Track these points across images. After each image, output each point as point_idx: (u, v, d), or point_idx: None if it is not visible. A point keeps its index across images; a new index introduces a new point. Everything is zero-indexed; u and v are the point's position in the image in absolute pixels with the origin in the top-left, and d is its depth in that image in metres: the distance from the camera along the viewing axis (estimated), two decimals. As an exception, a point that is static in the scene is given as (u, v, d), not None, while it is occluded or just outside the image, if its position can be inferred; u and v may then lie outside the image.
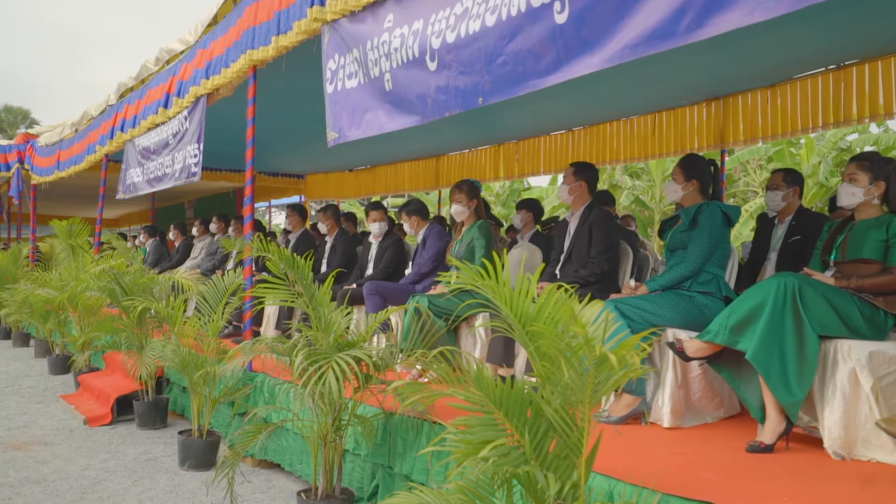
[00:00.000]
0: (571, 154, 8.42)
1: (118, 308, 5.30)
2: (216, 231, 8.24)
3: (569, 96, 6.86)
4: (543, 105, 7.21)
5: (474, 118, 8.21)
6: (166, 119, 6.00)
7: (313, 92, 6.70)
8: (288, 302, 3.17)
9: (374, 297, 4.52)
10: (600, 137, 8.00)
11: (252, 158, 4.58)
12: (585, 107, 7.40)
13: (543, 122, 8.28)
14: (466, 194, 4.20)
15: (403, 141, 9.66)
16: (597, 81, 5.95)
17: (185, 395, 5.51)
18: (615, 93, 6.72)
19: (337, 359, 2.65)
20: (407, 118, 3.07)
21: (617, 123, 7.80)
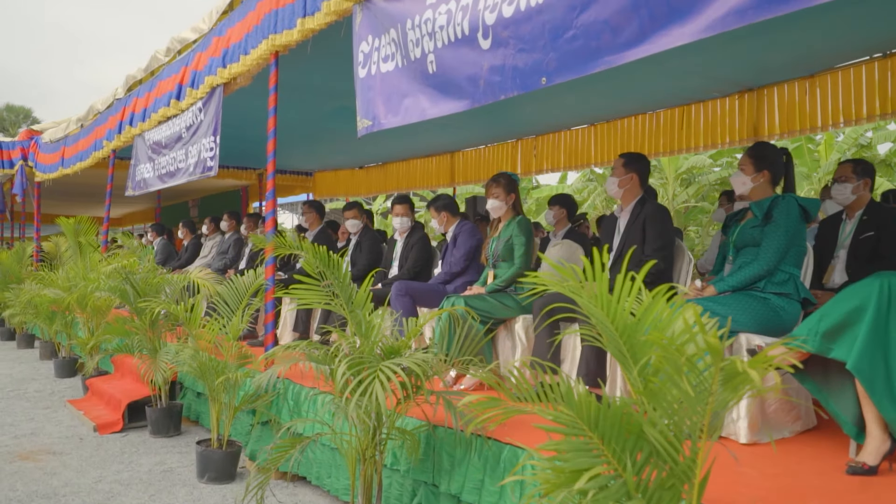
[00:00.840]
0: (594, 149, 8.15)
1: (129, 309, 5.04)
2: (227, 229, 7.97)
3: (591, 89, 6.59)
4: (564, 98, 6.95)
5: (492, 112, 7.95)
6: (179, 111, 5.73)
7: (325, 85, 6.49)
8: (322, 304, 2.90)
9: (403, 298, 4.25)
10: (624, 132, 7.72)
11: (274, 151, 4.32)
12: (609, 100, 7.13)
13: (564, 117, 8.01)
14: (504, 188, 3.93)
15: (417, 136, 9.39)
16: (622, 74, 5.69)
17: (199, 400, 5.25)
18: (641, 85, 6.46)
19: (383, 368, 2.38)
20: (453, 103, 2.80)
21: (642, 117, 7.53)
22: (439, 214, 4.58)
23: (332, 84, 6.26)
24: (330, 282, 2.81)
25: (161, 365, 4.51)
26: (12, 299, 8.43)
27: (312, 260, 2.78)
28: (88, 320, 6.44)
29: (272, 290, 4.14)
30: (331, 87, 6.41)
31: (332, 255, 2.79)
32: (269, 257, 4.16)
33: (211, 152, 5.02)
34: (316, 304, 2.88)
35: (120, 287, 4.82)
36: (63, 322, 7.34)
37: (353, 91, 6.81)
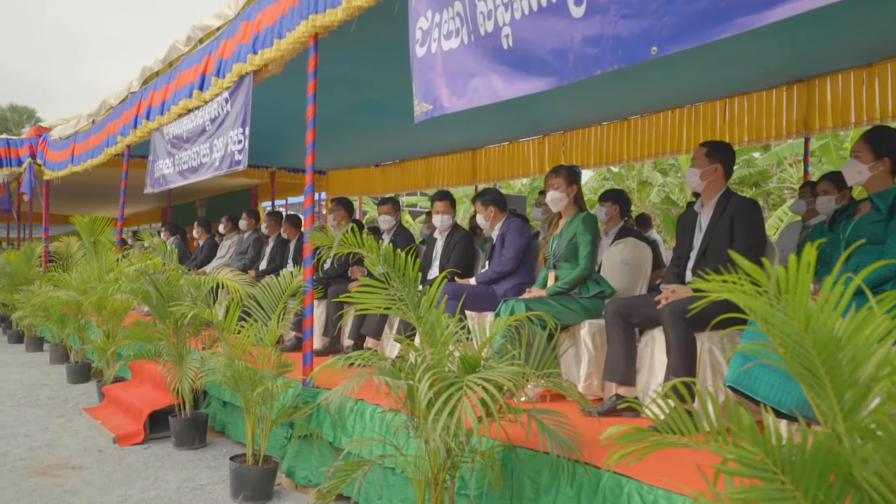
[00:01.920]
0: (627, 145, 7.83)
1: (152, 313, 4.71)
2: (246, 228, 7.65)
3: (627, 82, 6.27)
4: (596, 92, 6.63)
5: (517, 107, 7.58)
6: (202, 103, 5.41)
7: (351, 76, 6.16)
8: (383, 308, 2.57)
9: (449, 301, 3.92)
10: (661, 126, 7.40)
11: (313, 142, 4.00)
12: (646, 94, 6.80)
13: (595, 111, 7.69)
14: (565, 179, 3.60)
15: (437, 133, 9.07)
16: (661, 65, 5.39)
17: (226, 410, 4.93)
18: (683, 77, 6.13)
19: (470, 383, 2.05)
20: (534, 82, 2.47)
21: (680, 111, 7.20)
22: (486, 209, 4.25)
23: (359, 74, 5.95)
24: (395, 284, 2.48)
25: (188, 373, 4.19)
26: (22, 301, 8.11)
27: (375, 259, 2.45)
28: (104, 323, 6.12)
29: (311, 292, 3.81)
30: (356, 78, 6.10)
31: (399, 253, 2.47)
32: (307, 256, 3.83)
33: (239, 145, 4.70)
34: (376, 308, 2.55)
35: (142, 289, 4.50)
36: (76, 325, 7.02)
37: (380, 82, 6.58)
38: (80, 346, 7.24)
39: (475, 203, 4.31)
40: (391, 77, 6.10)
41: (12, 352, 9.51)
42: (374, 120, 7.97)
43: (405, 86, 6.65)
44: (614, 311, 3.14)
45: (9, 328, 11.18)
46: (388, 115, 7.52)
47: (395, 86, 6.45)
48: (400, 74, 6.27)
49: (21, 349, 9.74)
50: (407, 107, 7.49)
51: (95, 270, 6.04)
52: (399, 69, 6.15)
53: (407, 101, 7.02)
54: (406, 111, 7.57)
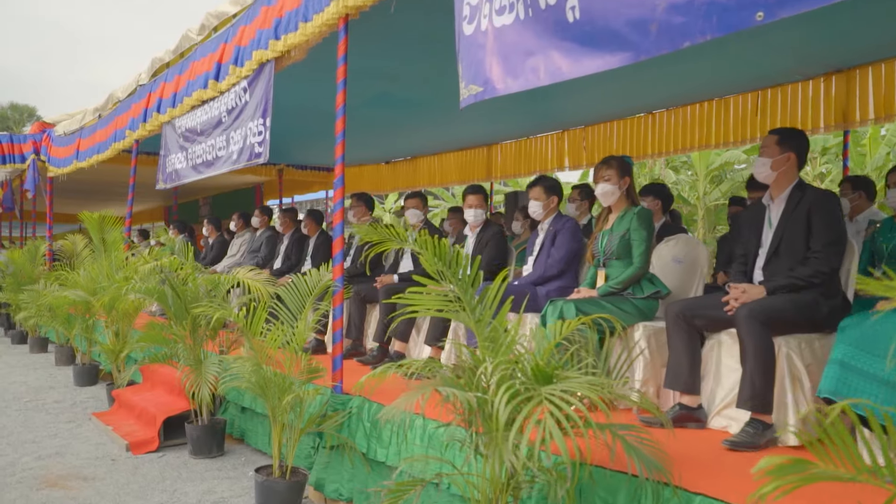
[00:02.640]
0: (652, 139, 7.56)
1: (167, 314, 4.46)
2: (259, 226, 7.40)
3: (652, 74, 6.02)
4: (620, 84, 6.37)
5: (535, 101, 7.35)
6: (218, 94, 5.15)
7: (368, 67, 5.91)
8: (433, 311, 2.32)
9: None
10: (687, 120, 7.14)
11: (343, 132, 3.74)
12: (672, 85, 6.55)
13: (618, 104, 7.42)
14: (617, 171, 3.34)
15: (451, 129, 8.84)
16: (690, 56, 5.14)
17: (244, 416, 4.68)
18: (714, 68, 5.87)
19: (551, 398, 1.80)
20: (606, 58, 2.22)
21: (709, 104, 6.93)
22: (549, 198, 3.97)
23: (375, 66, 5.70)
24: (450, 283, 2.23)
25: (207, 378, 3.94)
26: (27, 301, 7.87)
27: (430, 258, 2.20)
28: (113, 324, 5.87)
29: (341, 292, 3.55)
30: (372, 70, 5.84)
31: (459, 251, 2.22)
32: (337, 253, 3.57)
33: (259, 137, 4.45)
34: (427, 311, 2.30)
35: (157, 289, 4.25)
36: (84, 326, 6.77)
37: (398, 74, 6.32)
38: (87, 348, 6.99)
39: (534, 188, 4.01)
40: (409, 69, 5.85)
41: (16, 353, 9.27)
42: (389, 114, 7.71)
43: (423, 78, 6.46)
44: (677, 314, 2.89)
45: (12, 328, 10.94)
46: (404, 108, 7.27)
47: (413, 78, 6.21)
48: (418, 66, 6.05)
49: (25, 350, 9.49)
50: (424, 99, 7.20)
51: (105, 269, 5.79)
52: (418, 60, 5.93)
53: (424, 94, 6.81)
54: (423, 104, 7.26)
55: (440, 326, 4.16)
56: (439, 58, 5.64)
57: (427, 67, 5.81)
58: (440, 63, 5.75)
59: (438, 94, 6.69)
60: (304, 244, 6.54)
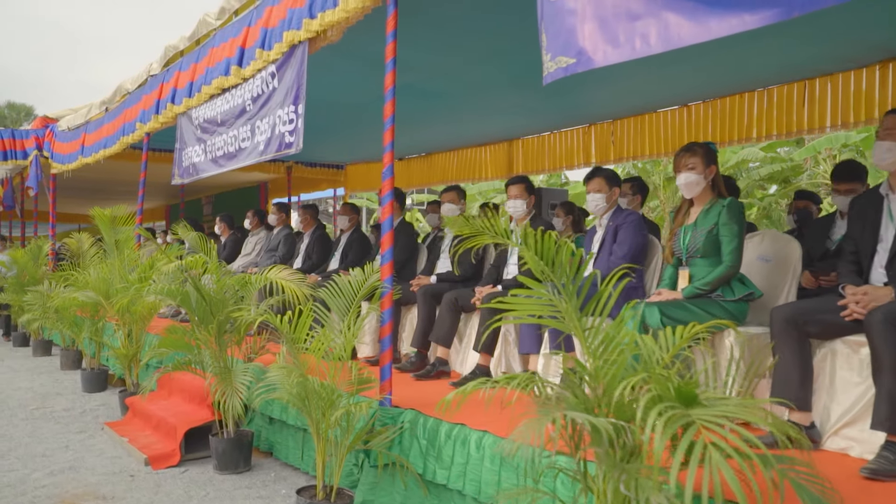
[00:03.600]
0: (686, 133, 7.21)
1: (190, 317, 4.11)
2: (276, 223, 7.05)
3: (689, 64, 5.69)
4: (653, 74, 6.04)
5: (561, 94, 7.02)
6: (241, 80, 4.81)
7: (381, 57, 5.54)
8: (534, 317, 1.98)
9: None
10: (726, 112, 6.78)
11: (392, 116, 3.41)
12: (710, 75, 6.21)
13: (650, 96, 7.08)
14: (703, 159, 3.00)
15: (469, 124, 8.49)
16: (733, 44, 4.82)
17: (273, 428, 4.33)
18: (755, 58, 5.54)
19: (710, 423, 1.45)
20: (743, 18, 1.88)
21: (750, 95, 6.59)
22: (611, 190, 3.62)
23: (400, 55, 5.34)
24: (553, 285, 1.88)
25: (238, 388, 3.59)
26: (31, 303, 7.50)
27: (534, 258, 1.86)
28: (125, 327, 5.51)
29: (390, 293, 3.21)
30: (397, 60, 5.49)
31: (568, 244, 1.88)
32: (385, 251, 3.23)
33: (291, 125, 4.10)
34: (530, 318, 1.96)
35: (181, 290, 3.90)
36: (93, 329, 6.42)
37: (424, 64, 5.97)
38: (96, 352, 6.63)
39: (593, 180, 3.66)
40: (435, 59, 5.49)
41: (19, 356, 8.90)
42: (410, 107, 7.34)
43: (445, 70, 6.09)
44: (785, 319, 2.55)
45: (13, 330, 10.58)
46: (426, 101, 6.91)
47: (439, 68, 5.86)
48: (441, 57, 5.69)
49: (27, 353, 9.14)
50: (445, 92, 6.79)
51: (118, 269, 5.44)
52: (440, 51, 5.56)
53: (445, 86, 6.44)
54: (443, 97, 6.85)
55: (491, 331, 3.81)
56: (463, 48, 5.31)
57: (449, 58, 5.47)
58: (464, 53, 5.41)
59: (459, 86, 6.35)
60: (326, 242, 6.20)
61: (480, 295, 4.00)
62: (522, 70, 5.76)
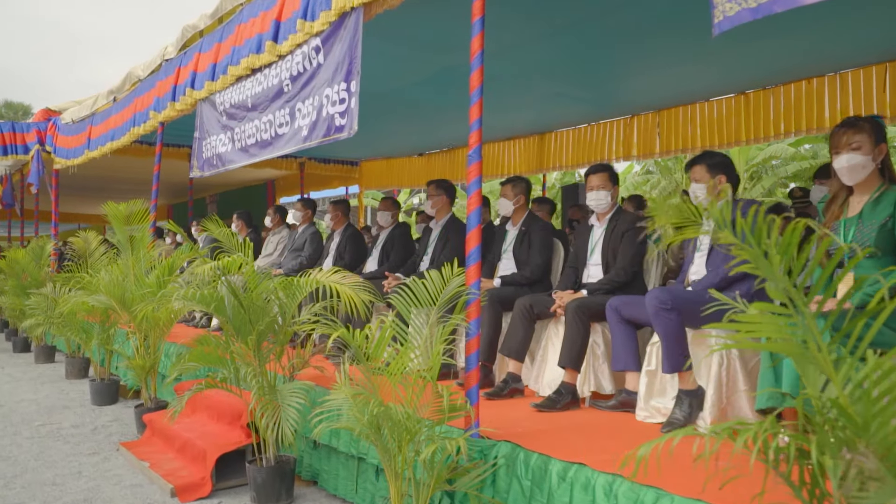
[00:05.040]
0: (743, 122, 6.69)
1: (224, 327, 3.56)
2: (301, 221, 6.50)
3: (749, 49, 5.18)
4: (706, 58, 5.53)
5: (602, 82, 6.51)
6: (276, 58, 4.26)
7: (424, 38, 5.00)
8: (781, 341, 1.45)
9: (668, 314, 2.79)
10: (789, 99, 6.26)
11: (480, 88, 2.87)
12: (772, 59, 5.68)
13: (701, 84, 6.55)
14: (870, 136, 2.45)
15: (501, 115, 7.95)
16: (799, 21, 4.36)
17: (318, 454, 3.78)
18: (824, 38, 5.02)
19: None
20: None
21: (819, 80, 6.07)
22: (716, 178, 3.10)
23: (440, 35, 4.82)
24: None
25: (288, 413, 3.03)
26: (34, 307, 6.95)
27: (758, 257, 1.31)
28: (142, 335, 4.95)
29: (477, 301, 2.66)
30: (435, 40, 4.95)
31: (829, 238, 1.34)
32: (473, 249, 2.68)
33: (342, 105, 3.55)
34: (774, 344, 1.42)
35: (216, 296, 3.35)
36: (103, 336, 5.87)
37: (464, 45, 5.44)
38: (106, 361, 6.08)
39: (695, 167, 3.14)
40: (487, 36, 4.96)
41: (20, 363, 8.35)
42: (442, 95, 6.82)
43: (490, 52, 5.56)
44: None
45: (14, 335, 10.01)
46: (462, 88, 6.35)
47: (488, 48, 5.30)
48: (497, 33, 5.16)
49: (29, 360, 8.58)
50: (491, 75, 6.20)
51: (134, 271, 4.89)
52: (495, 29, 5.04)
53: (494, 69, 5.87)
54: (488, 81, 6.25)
55: (579, 342, 3.27)
56: (511, 28, 4.78)
57: (498, 39, 4.92)
58: (512, 33, 4.88)
59: (503, 70, 5.82)
60: (360, 241, 5.66)
61: (561, 301, 3.45)
62: (569, 54, 5.27)
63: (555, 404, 3.22)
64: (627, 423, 3.01)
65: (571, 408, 3.27)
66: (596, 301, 3.32)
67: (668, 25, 4.53)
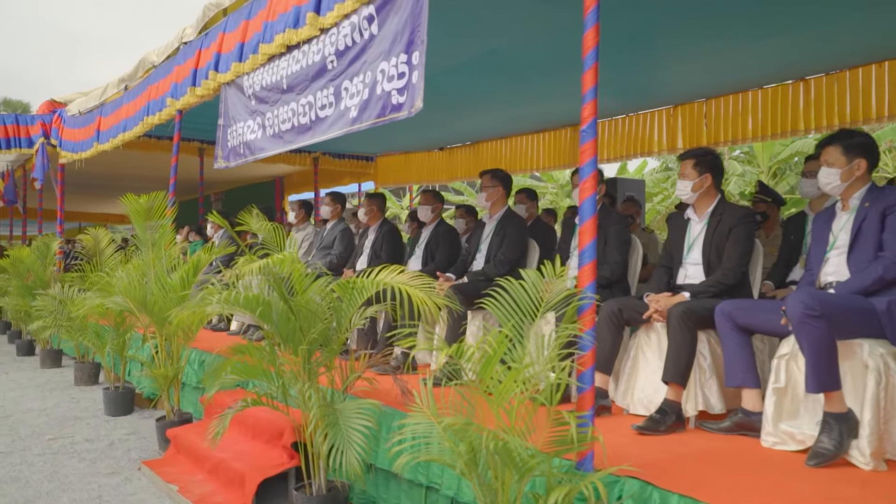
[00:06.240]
0: (802, 111, 6.23)
1: (271, 335, 3.11)
2: (330, 217, 6.04)
3: (804, 31, 4.75)
4: (759, 44, 5.10)
5: (643, 70, 6.06)
6: (317, 32, 3.80)
7: (470, 15, 4.54)
8: None
9: (814, 321, 2.33)
10: (856, 85, 5.80)
11: (596, 49, 2.41)
12: (832, 44, 5.24)
13: (754, 71, 6.10)
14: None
15: (531, 106, 7.51)
16: None
17: (373, 479, 3.32)
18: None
19: None
20: None
21: (877, 67, 5.62)
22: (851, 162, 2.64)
23: (490, 13, 4.37)
24: None
25: (354, 437, 2.58)
26: (41, 309, 6.49)
27: None
28: (162, 340, 4.50)
29: (593, 307, 2.21)
30: (484, 18, 4.49)
31: None
32: (586, 245, 2.23)
33: (401, 81, 3.09)
34: None
35: (262, 300, 2.90)
36: (118, 342, 5.41)
37: (518, 23, 4.98)
38: (121, 368, 5.62)
39: (828, 148, 2.70)
40: (536, 14, 4.50)
41: (25, 368, 7.88)
42: (473, 84, 6.38)
43: (541, 33, 5.11)
44: None
45: (17, 337, 9.56)
46: (505, 72, 5.89)
47: (531, 32, 4.87)
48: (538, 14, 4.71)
49: (34, 364, 8.12)
50: (532, 60, 5.64)
51: (155, 270, 4.43)
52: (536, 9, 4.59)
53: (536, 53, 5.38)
54: (528, 67, 5.69)
55: (686, 354, 2.81)
56: (545, 13, 4.34)
57: (544, 20, 4.48)
58: (546, 19, 4.44)
59: (543, 55, 5.36)
60: (397, 239, 5.20)
61: (659, 305, 3.00)
62: (615, 36, 4.84)
63: (658, 425, 2.77)
64: (754, 450, 2.56)
65: (677, 430, 2.82)
66: (703, 306, 2.87)
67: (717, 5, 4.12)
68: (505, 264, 4.03)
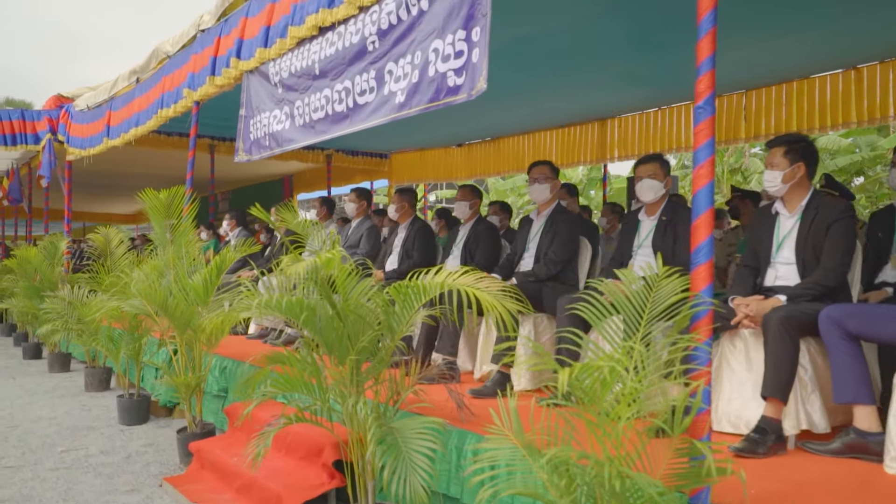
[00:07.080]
0: (855, 102, 5.90)
1: (308, 343, 2.79)
2: (355, 214, 5.72)
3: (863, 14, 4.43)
4: (806, 32, 4.78)
5: (672, 64, 5.73)
6: (355, 11, 3.48)
7: None
8: None
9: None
10: None
11: (714, 11, 2.08)
12: (886, 33, 4.92)
13: (796, 61, 5.78)
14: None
15: (556, 100, 7.18)
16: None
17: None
18: None
19: None
20: None
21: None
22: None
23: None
24: None
25: (417, 461, 2.26)
26: (50, 311, 6.18)
27: None
28: (182, 346, 4.18)
29: (710, 314, 1.89)
30: (509, 8, 4.16)
31: None
32: (702, 244, 1.91)
33: (458, 60, 2.77)
34: None
35: (306, 303, 2.58)
36: (133, 347, 5.10)
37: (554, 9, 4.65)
38: (136, 376, 5.31)
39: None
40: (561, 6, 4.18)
41: (33, 372, 7.57)
42: (500, 75, 6.03)
43: (573, 22, 4.77)
44: None
45: (24, 340, 9.25)
46: (532, 63, 5.55)
47: (563, 20, 4.53)
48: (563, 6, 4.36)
49: (42, 368, 7.81)
50: (564, 50, 5.29)
51: (175, 272, 4.12)
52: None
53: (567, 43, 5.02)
54: (560, 56, 5.34)
55: (788, 366, 2.48)
56: None
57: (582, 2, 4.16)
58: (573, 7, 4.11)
59: (580, 45, 5.04)
60: (430, 237, 4.88)
61: (749, 311, 2.67)
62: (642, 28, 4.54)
63: (758, 447, 2.44)
64: (877, 477, 2.23)
65: (778, 451, 2.50)
66: (804, 311, 2.54)
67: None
68: (557, 263, 3.71)
